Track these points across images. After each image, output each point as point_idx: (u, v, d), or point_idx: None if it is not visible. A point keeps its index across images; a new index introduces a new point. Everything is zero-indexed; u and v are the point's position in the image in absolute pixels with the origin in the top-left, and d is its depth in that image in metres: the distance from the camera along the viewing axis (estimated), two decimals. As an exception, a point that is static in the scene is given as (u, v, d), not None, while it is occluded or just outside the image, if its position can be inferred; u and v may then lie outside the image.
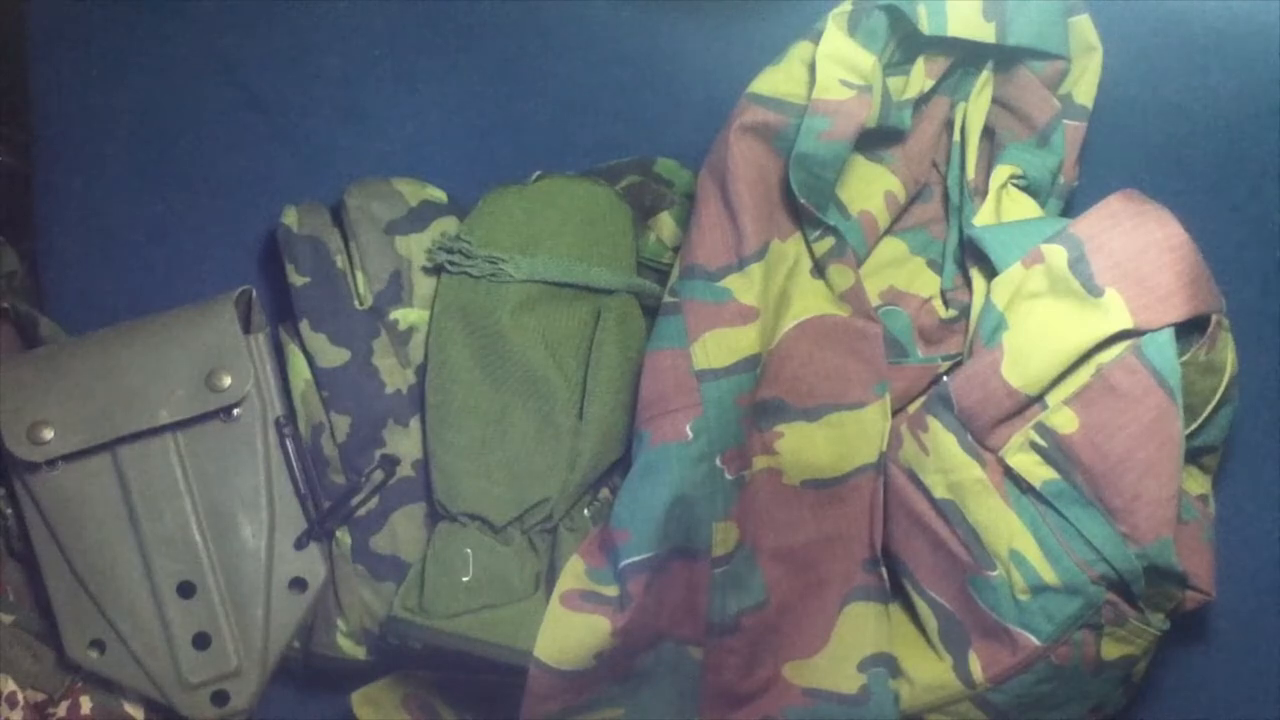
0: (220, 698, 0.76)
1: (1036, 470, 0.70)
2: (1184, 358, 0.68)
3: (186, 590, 0.75)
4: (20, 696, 0.76)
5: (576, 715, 0.71)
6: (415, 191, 0.80)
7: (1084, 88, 0.78)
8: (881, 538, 0.74)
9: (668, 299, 0.75)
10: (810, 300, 0.76)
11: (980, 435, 0.72)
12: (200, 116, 0.85)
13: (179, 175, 0.85)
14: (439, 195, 0.81)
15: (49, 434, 0.74)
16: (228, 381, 0.76)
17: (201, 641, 0.76)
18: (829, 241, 0.76)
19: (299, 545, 0.78)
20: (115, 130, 0.86)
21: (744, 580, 0.74)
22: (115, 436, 0.75)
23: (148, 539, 0.75)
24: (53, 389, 0.75)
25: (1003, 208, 0.77)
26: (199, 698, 0.76)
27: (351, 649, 0.78)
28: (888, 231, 0.80)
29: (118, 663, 0.75)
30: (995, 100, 0.79)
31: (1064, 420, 0.69)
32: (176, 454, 0.76)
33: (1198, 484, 0.74)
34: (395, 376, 0.77)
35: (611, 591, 0.69)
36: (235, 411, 0.76)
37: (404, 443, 0.77)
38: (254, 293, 0.80)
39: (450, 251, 0.77)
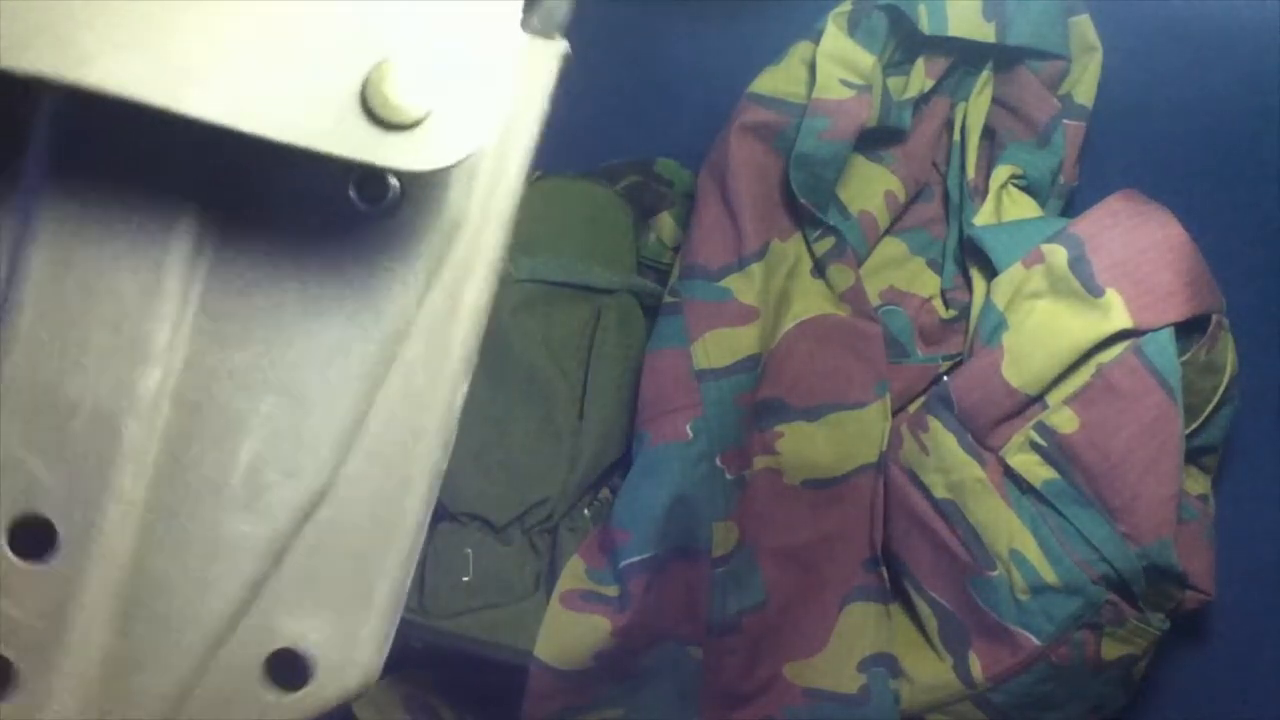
0: None
1: (1037, 470, 0.70)
2: (1184, 358, 0.68)
3: (35, 536, 0.34)
4: None
5: (577, 715, 0.71)
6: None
7: (1084, 88, 0.78)
8: (881, 538, 0.74)
9: (668, 299, 0.75)
10: (810, 300, 0.76)
11: (980, 435, 0.72)
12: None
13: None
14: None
15: None
16: None
17: None
18: (829, 241, 0.76)
19: None
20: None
21: (744, 580, 0.74)
22: (60, 78, 0.28)
23: (11, 379, 0.32)
24: None
25: (1003, 208, 0.77)
26: None
27: (351, 649, 0.78)
28: (888, 231, 0.80)
29: None
30: (995, 100, 0.79)
31: (1064, 420, 0.69)
32: (191, 237, 0.31)
33: (1198, 484, 0.74)
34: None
35: (611, 591, 0.69)
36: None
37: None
38: None
39: (450, 251, 0.76)
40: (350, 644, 0.30)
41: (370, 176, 0.29)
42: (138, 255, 0.29)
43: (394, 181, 0.29)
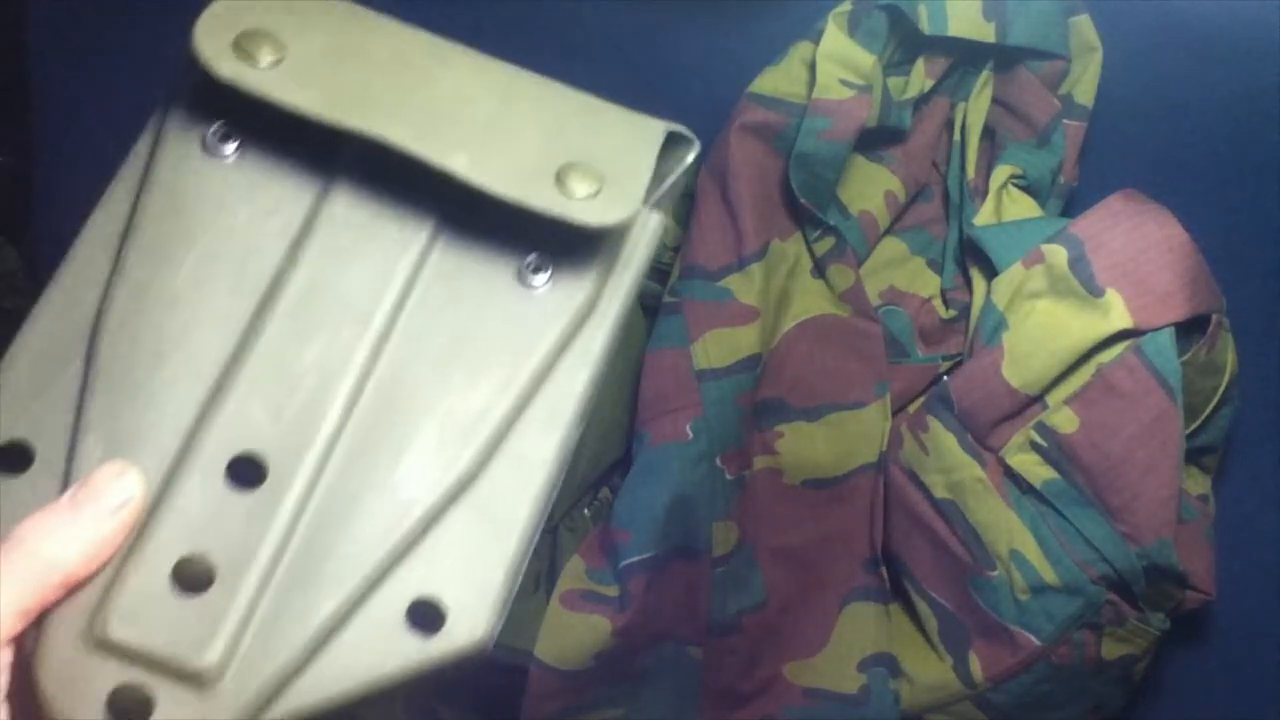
0: (140, 706, 0.36)
1: (1037, 470, 0.70)
2: (1184, 358, 0.68)
3: (247, 468, 0.39)
4: None
5: (577, 715, 0.71)
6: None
7: (1084, 88, 0.78)
8: (881, 538, 0.74)
9: (668, 299, 0.75)
10: (810, 300, 0.76)
11: (980, 435, 0.72)
12: (200, 117, 0.85)
13: (179, 175, 0.85)
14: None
15: (269, 55, 0.41)
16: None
17: (195, 576, 0.38)
18: (829, 241, 0.76)
19: None
20: (115, 130, 0.85)
21: (744, 580, 0.74)
22: (360, 130, 0.40)
23: (264, 343, 0.40)
24: (306, 21, 0.42)
25: (1003, 208, 0.77)
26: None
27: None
28: (888, 231, 0.80)
29: (29, 494, 0.38)
30: (995, 100, 0.79)
31: (1064, 420, 0.69)
32: (413, 264, 0.41)
33: (1198, 484, 0.74)
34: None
35: (611, 591, 0.69)
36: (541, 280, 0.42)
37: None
38: None
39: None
40: (475, 605, 0.38)
41: (534, 264, 0.41)
42: (374, 266, 0.40)
43: (545, 274, 0.41)
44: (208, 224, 0.41)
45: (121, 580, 0.36)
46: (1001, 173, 0.77)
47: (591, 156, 0.41)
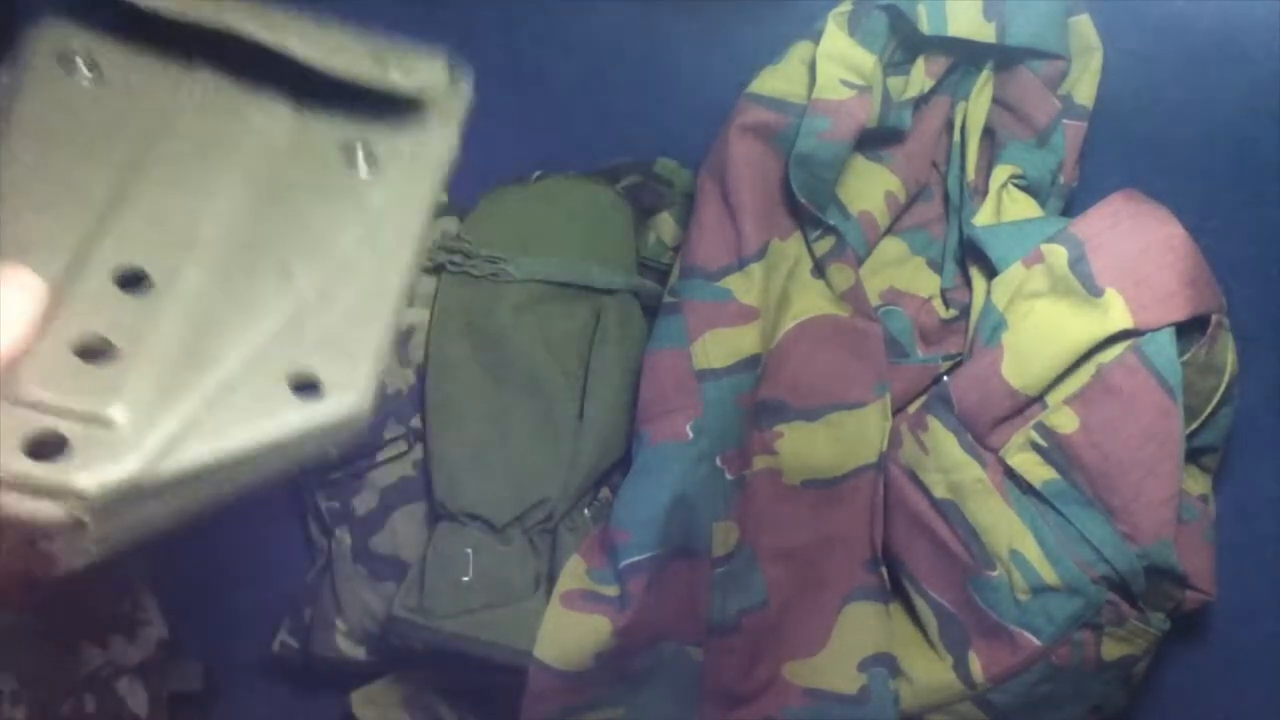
0: (55, 445, 0.40)
1: (1037, 470, 0.70)
2: (1184, 358, 0.68)
3: (133, 279, 0.44)
4: (23, 694, 0.75)
5: (576, 715, 0.71)
6: (415, 191, 0.80)
7: (1084, 88, 0.78)
8: (881, 538, 0.74)
9: (668, 299, 0.75)
10: (810, 300, 0.76)
11: (980, 435, 0.72)
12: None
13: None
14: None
15: None
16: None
17: (95, 351, 0.43)
18: (829, 241, 0.76)
19: None
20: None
21: (744, 580, 0.74)
22: (211, 23, 0.47)
23: (136, 198, 0.46)
24: None
25: (1003, 207, 0.77)
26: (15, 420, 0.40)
27: (351, 649, 0.78)
28: (888, 231, 0.80)
29: None
30: (995, 100, 0.79)
31: (1064, 420, 0.69)
32: (257, 153, 0.49)
33: (1198, 484, 0.74)
34: (395, 376, 0.77)
35: (612, 591, 0.69)
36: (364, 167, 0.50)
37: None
38: None
39: (450, 251, 0.77)
40: (349, 380, 0.43)
41: (360, 152, 0.48)
42: (225, 151, 0.47)
43: (371, 155, 0.48)
44: (78, 130, 0.47)
45: (30, 352, 0.41)
46: (1001, 173, 0.77)
47: (399, 52, 0.50)
